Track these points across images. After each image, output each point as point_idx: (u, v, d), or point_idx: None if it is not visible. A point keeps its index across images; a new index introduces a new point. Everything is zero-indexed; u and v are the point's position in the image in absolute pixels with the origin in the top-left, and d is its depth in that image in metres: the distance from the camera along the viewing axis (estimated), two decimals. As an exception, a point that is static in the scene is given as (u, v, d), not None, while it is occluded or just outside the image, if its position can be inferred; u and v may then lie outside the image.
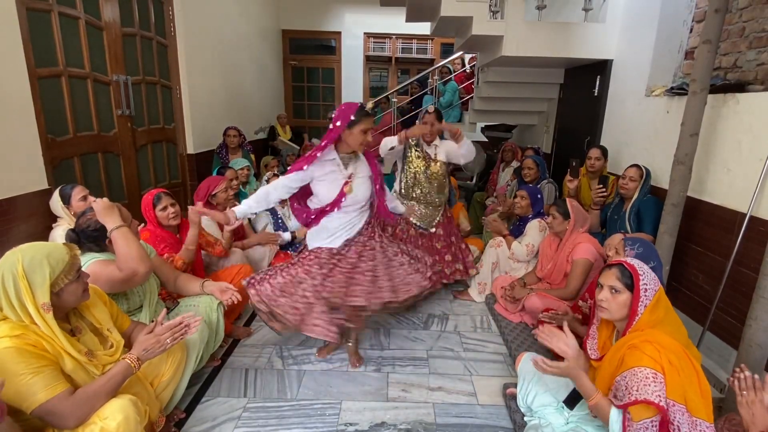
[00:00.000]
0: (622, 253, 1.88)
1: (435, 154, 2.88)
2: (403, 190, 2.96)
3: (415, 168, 2.90)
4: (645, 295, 1.43)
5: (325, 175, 2.03)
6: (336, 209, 2.05)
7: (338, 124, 1.93)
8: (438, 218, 2.99)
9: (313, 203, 2.13)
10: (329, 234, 2.12)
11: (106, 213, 1.71)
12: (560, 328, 1.92)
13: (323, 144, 1.99)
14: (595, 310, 1.59)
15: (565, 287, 2.49)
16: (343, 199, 2.03)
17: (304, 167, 1.99)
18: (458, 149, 2.77)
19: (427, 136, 2.85)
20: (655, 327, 1.42)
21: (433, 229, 2.97)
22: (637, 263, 1.49)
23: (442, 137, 2.95)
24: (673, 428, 1.26)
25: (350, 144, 1.99)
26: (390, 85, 8.23)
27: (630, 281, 1.45)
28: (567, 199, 2.59)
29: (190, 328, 1.52)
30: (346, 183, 2.01)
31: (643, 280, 1.44)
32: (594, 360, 1.58)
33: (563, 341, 1.49)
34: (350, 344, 2.33)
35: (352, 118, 1.91)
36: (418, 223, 2.95)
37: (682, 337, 1.49)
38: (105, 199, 1.74)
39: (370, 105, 1.97)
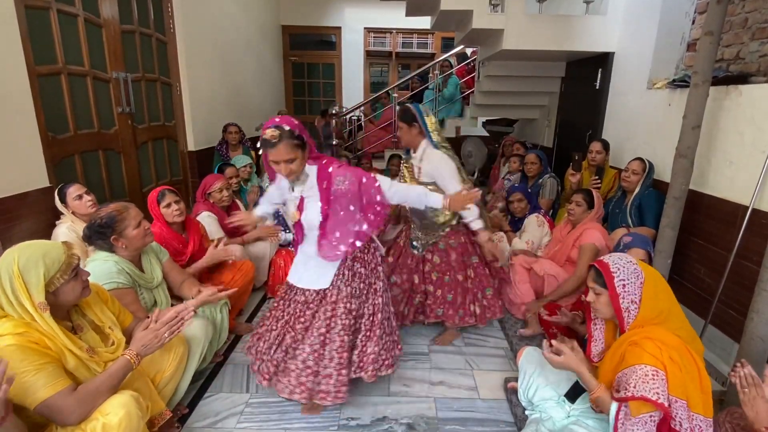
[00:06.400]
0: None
1: (419, 170, 2.29)
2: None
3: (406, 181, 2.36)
4: (625, 291, 1.39)
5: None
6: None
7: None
8: (434, 242, 2.38)
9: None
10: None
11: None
12: (566, 330, 1.90)
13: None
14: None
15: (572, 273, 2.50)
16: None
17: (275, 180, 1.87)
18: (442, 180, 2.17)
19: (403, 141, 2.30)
20: (661, 324, 1.38)
21: (427, 254, 2.40)
22: (611, 260, 1.45)
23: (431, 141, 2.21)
24: (674, 423, 1.26)
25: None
26: (391, 80, 8.20)
27: (603, 280, 1.44)
28: (593, 191, 2.60)
29: (185, 319, 1.52)
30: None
31: (619, 276, 1.40)
32: (594, 363, 1.57)
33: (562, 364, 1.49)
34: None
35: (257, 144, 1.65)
36: (415, 243, 2.43)
37: (688, 332, 1.44)
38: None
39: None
